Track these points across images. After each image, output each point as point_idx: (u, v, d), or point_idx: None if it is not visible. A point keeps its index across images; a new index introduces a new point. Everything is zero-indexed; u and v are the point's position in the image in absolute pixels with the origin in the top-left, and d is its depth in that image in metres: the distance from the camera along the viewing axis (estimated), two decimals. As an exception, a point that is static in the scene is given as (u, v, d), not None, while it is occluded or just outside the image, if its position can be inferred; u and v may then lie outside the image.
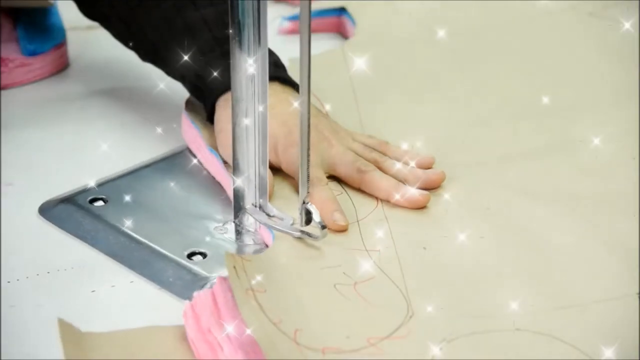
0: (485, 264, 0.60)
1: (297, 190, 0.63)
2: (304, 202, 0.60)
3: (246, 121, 0.62)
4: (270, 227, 0.62)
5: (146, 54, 0.79)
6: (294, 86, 0.73)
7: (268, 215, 0.63)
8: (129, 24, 0.78)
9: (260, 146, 0.62)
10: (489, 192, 0.67)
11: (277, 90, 0.71)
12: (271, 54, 0.74)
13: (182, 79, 0.76)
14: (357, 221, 0.64)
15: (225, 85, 0.71)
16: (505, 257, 0.60)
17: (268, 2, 0.60)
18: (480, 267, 0.59)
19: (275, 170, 0.69)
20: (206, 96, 0.73)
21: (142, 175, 0.72)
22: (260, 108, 0.61)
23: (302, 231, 0.61)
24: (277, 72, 0.73)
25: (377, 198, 0.67)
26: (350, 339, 0.52)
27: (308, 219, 0.61)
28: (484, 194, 0.67)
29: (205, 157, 0.72)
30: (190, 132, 0.75)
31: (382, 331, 0.52)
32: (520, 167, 0.72)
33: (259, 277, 0.55)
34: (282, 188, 0.67)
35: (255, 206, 0.63)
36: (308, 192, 0.60)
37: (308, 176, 0.60)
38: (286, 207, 0.64)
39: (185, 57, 0.74)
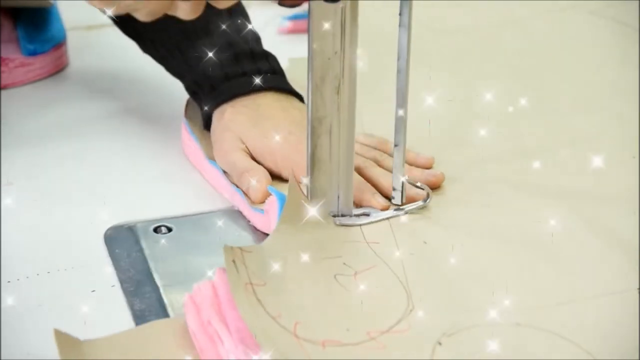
0: (486, 259, 0.60)
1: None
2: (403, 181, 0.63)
3: (330, 139, 0.61)
4: (368, 224, 0.63)
5: (146, 48, 0.79)
6: (294, 94, 0.74)
7: (353, 216, 0.63)
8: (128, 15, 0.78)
9: (344, 162, 0.62)
10: (489, 189, 0.68)
11: (275, 99, 0.72)
12: (267, 58, 0.74)
13: (180, 78, 0.76)
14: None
15: (221, 98, 0.72)
16: (506, 253, 0.60)
17: (268, 2, 0.59)
18: (480, 262, 0.59)
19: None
20: (203, 105, 0.73)
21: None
22: (345, 123, 0.60)
23: (399, 208, 0.63)
24: (276, 81, 0.73)
25: None
26: (351, 331, 0.52)
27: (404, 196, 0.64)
28: (484, 190, 0.67)
29: (206, 169, 0.73)
30: (190, 145, 0.75)
31: (383, 325, 0.52)
32: (520, 164, 0.72)
33: (258, 270, 0.55)
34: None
35: (338, 215, 0.63)
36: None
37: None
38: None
39: (183, 59, 0.74)
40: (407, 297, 0.55)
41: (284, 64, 0.87)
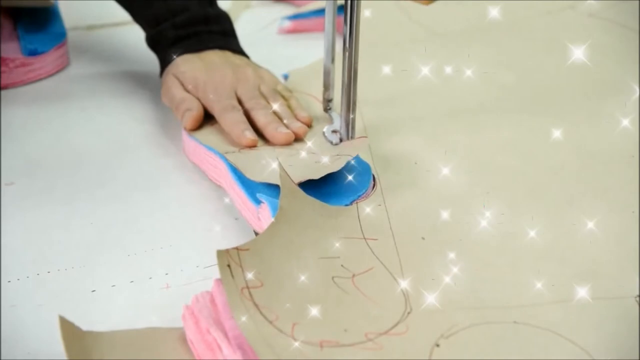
0: (484, 256, 0.60)
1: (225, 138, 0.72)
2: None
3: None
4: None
5: None
6: (241, 53, 0.83)
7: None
8: None
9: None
10: (489, 182, 0.68)
11: (220, 54, 0.80)
12: (219, 20, 0.83)
13: (142, 28, 0.85)
14: (357, 204, 0.65)
15: (170, 58, 0.80)
16: (503, 251, 0.61)
17: (268, 2, 0.60)
18: (479, 259, 0.60)
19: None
20: (158, 59, 0.83)
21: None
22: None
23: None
24: (224, 42, 0.82)
25: (373, 181, 0.68)
26: (348, 332, 0.52)
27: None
28: (483, 182, 0.68)
29: (204, 164, 0.73)
30: (190, 144, 0.75)
31: (381, 326, 0.52)
32: (520, 161, 0.72)
33: (255, 269, 0.54)
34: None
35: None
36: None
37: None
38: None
39: (142, 16, 0.83)
40: (405, 300, 0.55)
41: (284, 69, 0.88)
